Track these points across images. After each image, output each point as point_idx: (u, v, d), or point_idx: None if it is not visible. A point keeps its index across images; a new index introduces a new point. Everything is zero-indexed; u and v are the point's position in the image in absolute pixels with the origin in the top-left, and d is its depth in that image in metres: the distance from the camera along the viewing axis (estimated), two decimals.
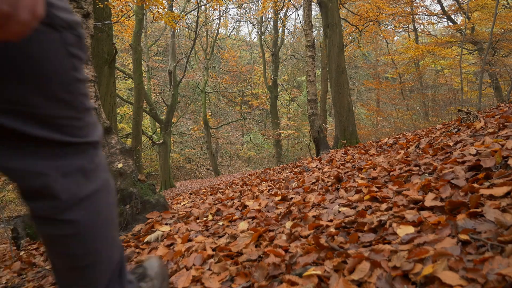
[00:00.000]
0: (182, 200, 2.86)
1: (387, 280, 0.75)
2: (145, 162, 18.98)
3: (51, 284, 1.41)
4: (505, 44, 9.78)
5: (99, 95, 2.07)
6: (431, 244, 0.83)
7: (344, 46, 7.06)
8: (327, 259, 0.90)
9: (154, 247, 1.45)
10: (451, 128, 2.44)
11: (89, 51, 2.07)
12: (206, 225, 1.61)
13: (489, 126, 1.90)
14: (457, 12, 12.34)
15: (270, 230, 1.29)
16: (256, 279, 0.91)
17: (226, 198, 2.19)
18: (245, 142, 23.70)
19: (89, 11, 2.09)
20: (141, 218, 1.84)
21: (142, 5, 7.61)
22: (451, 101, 10.46)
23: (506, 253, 0.71)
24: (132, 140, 9.46)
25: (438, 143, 1.93)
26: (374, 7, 11.26)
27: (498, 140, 1.45)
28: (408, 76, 16.57)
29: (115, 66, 5.49)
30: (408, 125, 12.04)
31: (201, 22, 15.06)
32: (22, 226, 2.62)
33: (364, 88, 21.62)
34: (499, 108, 2.94)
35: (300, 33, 20.39)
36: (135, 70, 9.91)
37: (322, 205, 1.44)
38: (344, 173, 1.96)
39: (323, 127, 5.59)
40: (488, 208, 0.90)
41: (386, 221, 1.03)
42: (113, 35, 5.51)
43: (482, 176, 1.14)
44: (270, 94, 16.67)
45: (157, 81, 21.83)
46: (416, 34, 15.09)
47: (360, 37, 13.20)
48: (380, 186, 1.45)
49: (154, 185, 2.03)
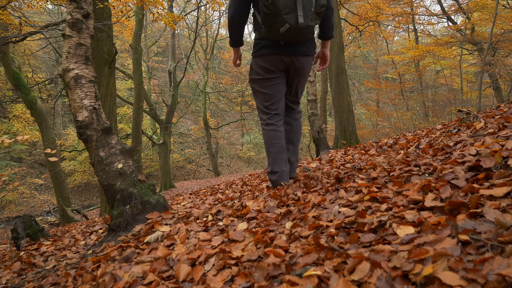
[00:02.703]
0: (182, 201, 2.86)
1: (387, 280, 0.75)
2: (145, 163, 18.99)
3: (51, 284, 1.41)
4: (505, 45, 9.78)
5: (99, 96, 2.07)
6: (431, 244, 0.83)
7: (344, 46, 7.07)
8: (327, 259, 0.90)
9: (154, 247, 1.45)
10: (451, 129, 2.44)
11: (89, 52, 2.07)
12: (206, 226, 1.61)
13: (489, 127, 1.90)
14: (457, 12, 12.35)
15: (270, 230, 1.29)
16: (256, 279, 0.91)
17: (226, 198, 2.19)
18: (245, 143, 23.70)
19: (89, 12, 2.09)
20: (141, 218, 1.84)
21: (142, 6, 7.61)
22: (451, 102, 10.46)
23: (506, 254, 0.71)
24: (132, 140, 9.47)
25: (438, 143, 1.93)
26: (374, 7, 11.27)
27: (498, 141, 1.45)
28: (408, 76, 16.58)
29: (115, 66, 5.49)
30: (408, 125, 12.05)
31: (201, 22, 15.07)
32: (22, 227, 2.63)
33: (364, 89, 21.63)
34: (499, 108, 2.94)
35: None
36: (135, 71, 9.91)
37: (322, 206, 1.44)
38: (344, 173, 1.97)
39: (323, 127, 5.60)
40: (488, 209, 0.90)
41: (386, 221, 1.03)
42: (113, 35, 5.51)
43: (482, 177, 1.14)
44: None
45: (157, 82, 21.83)
46: (416, 34, 15.11)
47: (360, 37, 13.21)
48: (380, 186, 1.45)
49: (154, 186, 2.03)
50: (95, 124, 1.95)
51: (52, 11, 16.93)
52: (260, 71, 1.98)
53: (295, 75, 2.02)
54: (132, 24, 10.69)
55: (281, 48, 1.90)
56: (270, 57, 1.93)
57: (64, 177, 9.01)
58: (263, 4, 1.75)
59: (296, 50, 1.92)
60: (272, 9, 1.73)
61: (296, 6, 1.72)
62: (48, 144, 7.65)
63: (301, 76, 2.04)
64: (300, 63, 1.96)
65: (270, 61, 1.94)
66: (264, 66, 1.96)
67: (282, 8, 1.71)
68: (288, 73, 2.02)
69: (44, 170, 16.76)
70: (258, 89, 2.03)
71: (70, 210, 7.60)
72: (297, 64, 1.96)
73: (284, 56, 1.93)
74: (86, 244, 2.09)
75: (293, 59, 1.94)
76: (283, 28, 1.76)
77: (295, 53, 1.93)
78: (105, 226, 2.67)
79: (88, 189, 18.47)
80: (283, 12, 1.72)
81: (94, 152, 1.93)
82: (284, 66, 1.96)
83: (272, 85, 1.99)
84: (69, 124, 20.14)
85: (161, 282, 1.08)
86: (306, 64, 1.99)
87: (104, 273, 1.27)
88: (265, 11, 1.76)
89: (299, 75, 2.03)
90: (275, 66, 1.95)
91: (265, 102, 2.02)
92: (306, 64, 1.99)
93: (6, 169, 15.01)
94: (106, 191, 1.90)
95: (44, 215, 13.76)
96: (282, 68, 1.97)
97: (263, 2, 1.74)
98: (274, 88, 2.00)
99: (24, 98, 7.54)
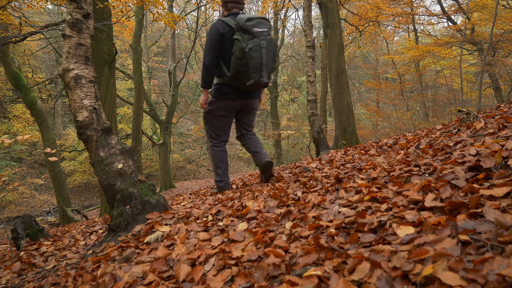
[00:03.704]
0: (182, 201, 2.86)
1: (387, 280, 0.75)
2: (145, 163, 18.99)
3: (51, 284, 1.41)
4: (505, 45, 9.78)
5: (99, 96, 2.07)
6: (431, 244, 0.83)
7: (344, 47, 7.06)
8: (327, 259, 0.90)
9: (154, 247, 1.45)
10: (451, 129, 2.44)
11: (89, 52, 2.07)
12: (206, 226, 1.61)
13: (489, 127, 1.90)
14: (457, 12, 12.35)
15: (270, 230, 1.29)
16: (256, 279, 0.91)
17: (226, 198, 2.19)
18: None
19: (89, 12, 2.09)
20: (141, 218, 1.84)
21: (142, 6, 7.61)
22: (451, 102, 10.46)
23: (506, 254, 0.71)
24: (132, 140, 9.47)
25: (438, 143, 1.93)
26: (374, 7, 11.27)
27: (498, 141, 1.45)
28: (408, 76, 16.57)
29: (115, 66, 5.49)
30: (408, 125, 12.04)
31: (201, 22, 15.06)
32: (22, 227, 2.63)
33: (364, 89, 21.63)
34: (499, 108, 2.94)
35: (300, 34, 20.41)
36: (135, 71, 9.91)
37: (322, 206, 1.44)
38: (344, 174, 1.97)
39: (323, 127, 5.59)
40: (488, 209, 0.90)
41: (386, 221, 1.03)
42: (113, 35, 5.51)
43: (482, 177, 1.14)
44: (270, 94, 16.66)
45: (157, 82, 21.83)
46: (416, 34, 15.11)
47: (360, 37, 13.20)
48: (380, 186, 1.45)
49: (154, 186, 2.03)
50: (95, 124, 1.95)
51: (52, 11, 16.93)
52: (220, 111, 2.58)
53: (248, 112, 2.72)
54: (132, 24, 10.68)
55: (240, 94, 2.54)
56: (231, 101, 2.54)
57: (64, 177, 9.01)
58: (237, 63, 2.35)
59: (250, 95, 2.60)
60: (244, 68, 2.35)
61: (261, 68, 2.40)
62: (48, 144, 7.65)
63: (252, 112, 2.75)
64: (252, 103, 2.66)
65: (230, 104, 2.57)
66: (225, 108, 2.57)
67: (251, 68, 2.36)
68: (242, 111, 2.69)
69: (44, 170, 16.76)
70: (214, 121, 2.64)
71: (70, 210, 7.60)
72: (250, 105, 2.66)
73: (241, 100, 2.58)
74: (86, 244, 2.09)
75: (247, 101, 2.62)
76: (249, 82, 2.41)
77: (249, 97, 2.61)
78: (105, 226, 2.67)
79: (88, 189, 18.47)
80: (251, 71, 2.37)
81: (94, 152, 1.93)
82: (239, 107, 2.63)
83: (226, 121, 2.65)
84: (69, 124, 20.14)
85: (161, 282, 1.08)
86: (256, 103, 2.70)
87: (104, 273, 1.27)
88: (238, 68, 2.36)
89: (251, 112, 2.74)
90: (233, 108, 2.60)
91: (217, 131, 2.67)
92: (256, 104, 2.71)
93: (6, 169, 15.01)
94: (106, 191, 1.90)
95: (44, 215, 13.76)
96: (237, 109, 2.64)
97: (238, 62, 2.34)
98: (226, 123, 2.66)
99: (24, 98, 7.54)
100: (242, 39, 2.33)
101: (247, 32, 2.33)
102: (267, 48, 2.40)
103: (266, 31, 2.40)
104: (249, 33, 2.34)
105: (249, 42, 2.33)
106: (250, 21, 2.35)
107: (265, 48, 2.38)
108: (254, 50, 2.33)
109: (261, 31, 2.37)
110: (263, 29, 2.38)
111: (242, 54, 2.31)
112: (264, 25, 2.40)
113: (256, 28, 2.35)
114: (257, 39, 2.36)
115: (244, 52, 2.31)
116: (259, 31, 2.36)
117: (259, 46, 2.35)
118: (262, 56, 2.37)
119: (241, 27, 2.34)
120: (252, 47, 2.33)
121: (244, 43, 2.32)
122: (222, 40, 2.40)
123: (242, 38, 2.33)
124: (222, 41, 2.40)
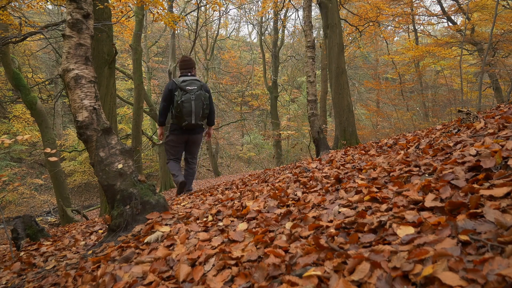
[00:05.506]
0: (182, 201, 2.85)
1: (387, 280, 0.75)
2: (145, 163, 18.98)
3: (51, 284, 1.41)
4: (505, 45, 9.78)
5: (99, 96, 2.07)
6: (431, 244, 0.83)
7: (344, 47, 7.06)
8: (327, 259, 0.90)
9: (154, 247, 1.45)
10: (451, 129, 2.44)
11: (89, 52, 2.07)
12: (206, 226, 1.60)
13: (489, 127, 1.90)
14: (457, 12, 12.35)
15: (270, 230, 1.29)
16: (256, 279, 0.91)
17: (226, 198, 2.19)
18: (245, 143, 23.70)
19: (89, 12, 2.09)
20: (141, 218, 1.84)
21: (142, 6, 7.62)
22: (451, 102, 10.47)
23: (506, 254, 0.71)
24: (132, 140, 9.46)
25: (438, 143, 1.93)
26: (374, 7, 11.26)
27: (498, 141, 1.45)
28: (408, 76, 16.57)
29: (115, 66, 5.49)
30: (408, 125, 12.05)
31: (201, 22, 15.07)
32: (22, 227, 2.62)
33: (364, 89, 21.63)
34: (499, 108, 2.94)
35: (300, 34, 20.40)
36: (135, 71, 9.90)
37: (322, 206, 1.44)
38: (344, 174, 1.96)
39: (323, 127, 5.60)
40: (488, 209, 0.90)
41: (386, 221, 1.03)
42: (113, 35, 5.51)
43: (482, 177, 1.14)
44: (270, 94, 16.67)
45: (157, 82, 21.83)
46: (416, 34, 15.10)
47: (360, 37, 13.21)
48: (380, 186, 1.45)
49: (154, 186, 2.03)
50: (95, 125, 1.95)
51: (52, 11, 16.93)
52: (173, 142, 3.68)
53: (192, 145, 3.80)
54: (132, 24, 10.68)
55: (184, 131, 3.60)
56: (179, 136, 3.63)
57: (64, 177, 9.01)
58: (175, 111, 3.44)
59: (192, 132, 3.66)
60: (180, 114, 3.42)
61: (191, 114, 3.42)
62: (48, 144, 7.64)
63: (195, 145, 3.82)
64: (194, 138, 3.73)
65: (179, 138, 3.66)
66: (175, 140, 3.67)
67: (184, 113, 3.41)
68: (187, 143, 3.76)
69: (44, 170, 16.76)
70: (169, 149, 3.73)
71: (70, 210, 7.60)
72: (193, 139, 3.73)
73: (185, 135, 3.65)
74: (86, 245, 2.09)
75: (190, 136, 3.68)
76: (184, 123, 3.46)
77: (191, 133, 3.67)
78: (105, 227, 2.67)
79: (88, 189, 18.47)
80: (185, 116, 3.42)
81: (94, 152, 1.93)
82: (185, 140, 3.71)
83: (177, 149, 3.73)
84: (69, 124, 20.14)
85: (161, 282, 1.08)
86: (198, 138, 3.77)
87: (104, 274, 1.27)
88: (176, 114, 3.46)
89: (194, 144, 3.81)
90: (181, 140, 3.68)
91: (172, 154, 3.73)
92: (198, 138, 3.77)
93: (6, 169, 15.01)
94: (106, 191, 1.90)
95: (44, 215, 13.75)
96: (184, 141, 3.72)
97: (175, 109, 3.43)
98: (178, 150, 3.75)
99: (24, 98, 7.54)
100: (178, 94, 3.38)
101: (182, 89, 3.39)
102: (195, 100, 3.40)
103: (196, 88, 3.42)
104: (184, 90, 3.38)
105: (183, 96, 3.37)
106: (184, 82, 3.41)
107: (193, 100, 3.40)
108: (186, 101, 3.37)
109: (191, 89, 3.40)
110: (193, 87, 3.41)
111: (177, 104, 3.37)
112: (194, 84, 3.42)
113: (188, 87, 3.40)
114: (189, 94, 3.38)
115: (178, 103, 3.36)
116: (190, 88, 3.40)
117: (190, 99, 3.38)
118: (192, 106, 3.39)
119: (178, 86, 3.40)
120: (184, 99, 3.36)
121: (179, 97, 3.36)
122: (171, 94, 3.46)
123: (178, 94, 3.38)
124: (171, 94, 3.46)
